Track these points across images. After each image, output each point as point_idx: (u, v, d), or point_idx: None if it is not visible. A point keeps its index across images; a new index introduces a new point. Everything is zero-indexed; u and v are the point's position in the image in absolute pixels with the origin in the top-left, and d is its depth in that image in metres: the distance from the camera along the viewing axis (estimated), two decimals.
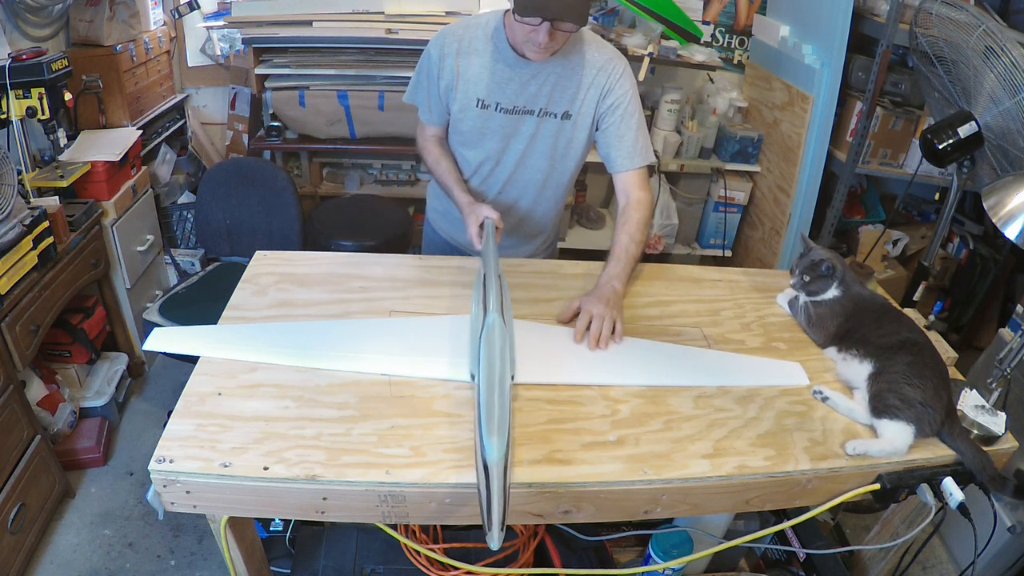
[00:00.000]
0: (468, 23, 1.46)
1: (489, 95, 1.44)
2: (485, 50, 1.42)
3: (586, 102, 1.45)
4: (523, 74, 1.42)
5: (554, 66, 1.41)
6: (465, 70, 1.43)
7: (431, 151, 1.57)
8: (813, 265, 1.28)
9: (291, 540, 1.51)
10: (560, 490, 0.95)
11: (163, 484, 0.91)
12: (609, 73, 1.43)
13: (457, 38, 1.43)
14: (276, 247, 1.53)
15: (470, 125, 1.48)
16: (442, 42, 1.44)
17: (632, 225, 1.44)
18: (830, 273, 1.26)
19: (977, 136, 1.46)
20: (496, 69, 1.42)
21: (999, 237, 2.35)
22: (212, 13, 2.82)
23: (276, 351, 1.13)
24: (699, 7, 2.91)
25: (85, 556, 1.90)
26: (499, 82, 1.43)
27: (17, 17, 2.06)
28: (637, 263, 1.44)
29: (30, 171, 2.03)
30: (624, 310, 1.35)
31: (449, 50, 1.43)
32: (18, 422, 1.78)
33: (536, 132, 1.48)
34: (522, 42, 1.34)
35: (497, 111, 1.45)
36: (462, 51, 1.43)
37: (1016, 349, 1.21)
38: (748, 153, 2.90)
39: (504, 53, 1.41)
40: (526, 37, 1.31)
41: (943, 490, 1.07)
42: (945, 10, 1.48)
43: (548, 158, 1.52)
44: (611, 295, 1.30)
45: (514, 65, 1.41)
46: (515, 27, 1.32)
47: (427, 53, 1.48)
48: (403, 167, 3.11)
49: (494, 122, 1.47)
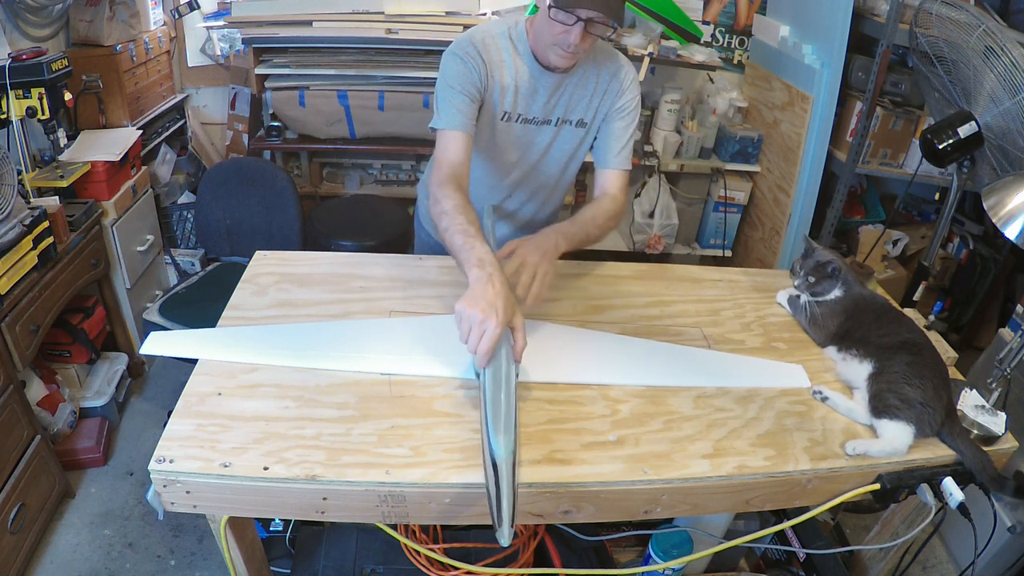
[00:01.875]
0: (488, 31, 1.39)
1: (515, 108, 1.41)
2: (512, 59, 1.38)
3: (600, 108, 1.45)
4: (547, 85, 1.39)
5: (571, 75, 1.40)
6: (499, 80, 1.38)
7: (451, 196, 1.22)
8: (819, 266, 1.28)
9: (291, 540, 1.51)
10: (560, 490, 0.95)
11: (163, 484, 0.91)
12: (622, 80, 1.44)
13: (485, 47, 1.36)
14: (276, 247, 1.53)
15: (489, 138, 1.44)
16: (475, 51, 1.34)
17: (600, 210, 1.41)
18: (836, 275, 1.27)
19: (977, 136, 1.46)
20: (522, 81, 1.39)
21: (999, 237, 2.35)
22: (212, 13, 2.82)
23: (274, 353, 1.12)
24: (699, 7, 2.91)
25: (85, 556, 1.90)
26: (525, 94, 1.40)
27: (17, 17, 2.06)
28: (586, 244, 1.37)
29: (30, 171, 2.03)
30: (623, 310, 1.35)
31: (486, 56, 1.36)
32: (18, 422, 1.78)
33: (553, 141, 1.48)
34: (549, 45, 1.29)
35: (518, 122, 1.43)
36: (493, 62, 1.37)
37: (1016, 349, 1.21)
38: (748, 153, 2.90)
39: (529, 64, 1.38)
40: (555, 39, 1.26)
41: (943, 490, 1.07)
42: (945, 10, 1.48)
43: (561, 164, 1.53)
44: (550, 248, 1.25)
45: (539, 76, 1.38)
46: (543, 30, 1.28)
47: (458, 60, 1.33)
48: (403, 167, 3.11)
49: (513, 134, 1.45)
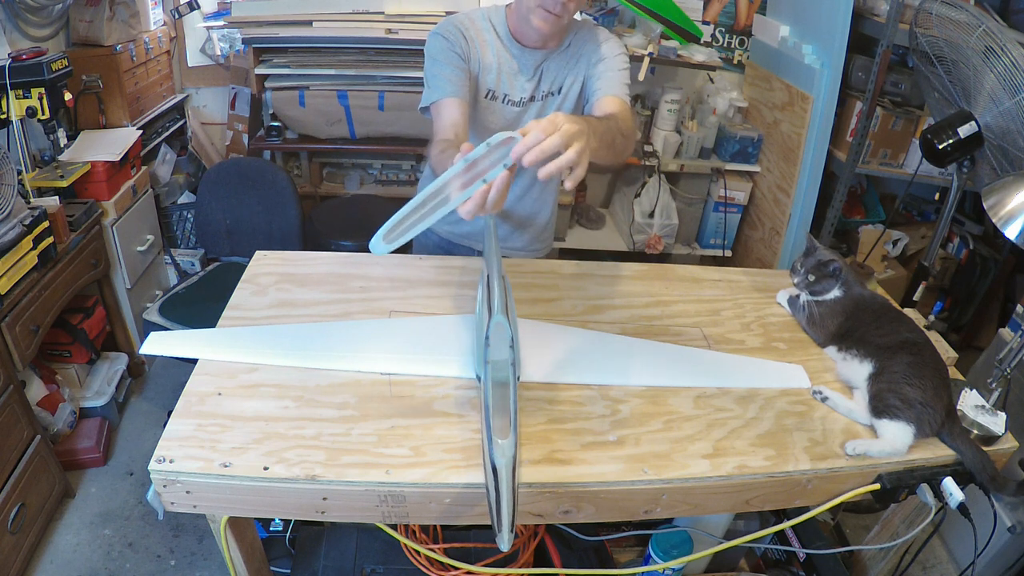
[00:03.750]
0: (468, 15, 1.44)
1: (499, 86, 1.44)
2: (494, 40, 1.42)
3: (579, 70, 1.46)
4: (529, 64, 1.43)
5: (553, 51, 1.43)
6: (480, 59, 1.41)
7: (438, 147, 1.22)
8: (820, 265, 1.28)
9: (291, 540, 1.51)
10: (560, 490, 0.95)
11: (163, 484, 0.91)
12: (596, 36, 1.45)
13: (465, 27, 1.40)
14: (276, 247, 1.53)
15: (475, 118, 1.46)
16: (455, 28, 1.38)
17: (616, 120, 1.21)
18: (837, 274, 1.27)
19: (977, 136, 1.46)
20: (504, 59, 1.43)
21: (999, 237, 2.35)
22: (212, 13, 2.82)
23: (274, 353, 1.12)
24: (699, 7, 2.91)
25: (85, 556, 1.90)
26: (508, 73, 1.43)
27: (17, 17, 2.06)
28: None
29: (30, 171, 2.03)
30: (623, 310, 1.35)
31: (468, 35, 1.40)
32: (18, 422, 1.78)
33: (540, 115, 1.48)
34: (533, 8, 1.30)
35: (505, 103, 1.46)
36: (473, 39, 1.41)
37: (1016, 349, 1.21)
38: (748, 153, 2.90)
39: (508, 43, 1.42)
40: (539, 1, 1.28)
41: (943, 490, 1.07)
42: (945, 10, 1.48)
43: None
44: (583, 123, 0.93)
45: (519, 56, 1.42)
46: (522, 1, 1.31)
47: (440, 37, 1.37)
48: (403, 167, 3.11)
49: (499, 114, 1.47)
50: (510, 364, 1.01)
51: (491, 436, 0.86)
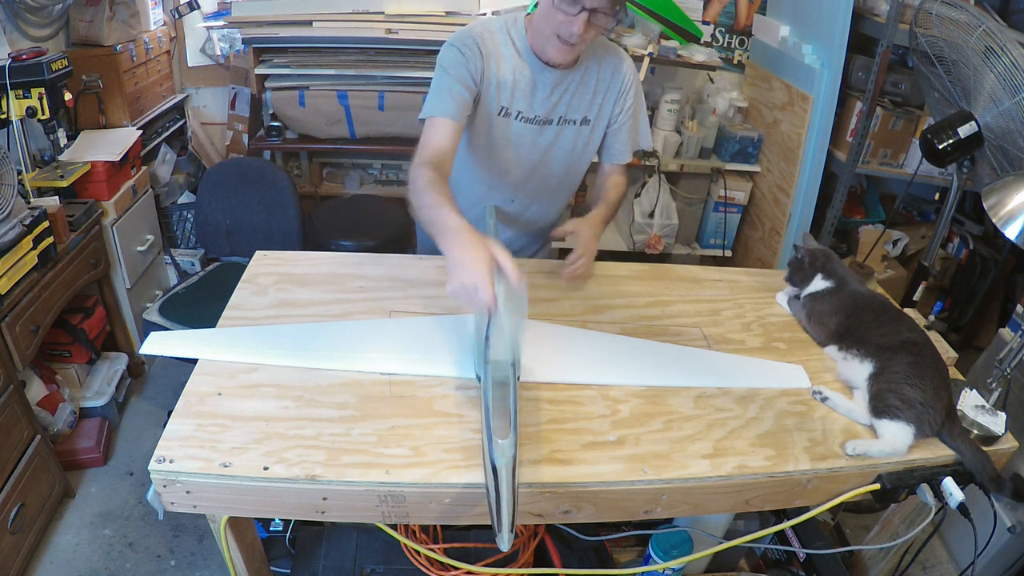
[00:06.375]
0: (486, 27, 1.38)
1: (513, 104, 1.40)
2: (512, 55, 1.37)
3: (604, 107, 1.45)
4: (547, 82, 1.38)
5: (573, 73, 1.40)
6: (496, 75, 1.36)
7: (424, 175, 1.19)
8: (792, 259, 1.32)
9: (291, 540, 1.51)
10: (560, 490, 0.95)
11: (163, 484, 0.91)
12: (623, 75, 1.44)
13: (483, 41, 1.35)
14: (276, 247, 1.53)
15: (487, 134, 1.43)
16: (473, 43, 1.33)
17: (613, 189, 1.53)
18: (805, 260, 1.27)
19: (977, 136, 1.46)
20: (521, 74, 1.37)
21: (999, 237, 2.35)
22: (212, 13, 2.82)
23: (274, 353, 1.12)
24: (699, 7, 2.91)
25: (85, 556, 1.90)
26: (524, 91, 1.38)
27: (17, 17, 2.06)
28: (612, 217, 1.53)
29: (30, 171, 2.03)
30: (623, 310, 1.37)
31: (485, 50, 1.34)
32: (18, 422, 1.78)
33: (555, 141, 1.46)
34: (549, 37, 1.28)
35: (518, 120, 1.41)
36: (490, 54, 1.35)
37: (1016, 349, 1.21)
38: (748, 153, 2.90)
39: (528, 59, 1.37)
40: (557, 28, 1.25)
41: (943, 490, 1.07)
42: (945, 10, 1.48)
43: (564, 164, 1.51)
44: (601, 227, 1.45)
45: (538, 72, 1.38)
46: (544, 21, 1.27)
47: (455, 50, 1.33)
48: (403, 167, 3.11)
49: (512, 132, 1.43)
50: (510, 364, 1.01)
51: (491, 436, 0.86)
